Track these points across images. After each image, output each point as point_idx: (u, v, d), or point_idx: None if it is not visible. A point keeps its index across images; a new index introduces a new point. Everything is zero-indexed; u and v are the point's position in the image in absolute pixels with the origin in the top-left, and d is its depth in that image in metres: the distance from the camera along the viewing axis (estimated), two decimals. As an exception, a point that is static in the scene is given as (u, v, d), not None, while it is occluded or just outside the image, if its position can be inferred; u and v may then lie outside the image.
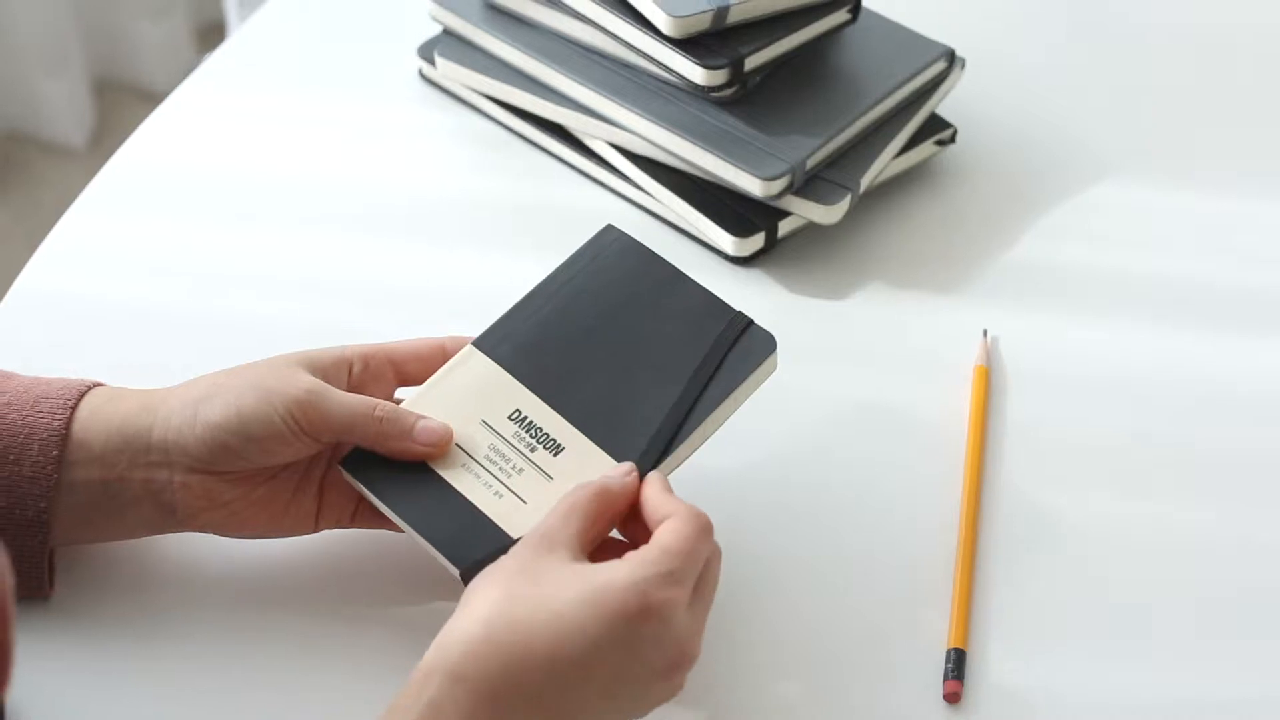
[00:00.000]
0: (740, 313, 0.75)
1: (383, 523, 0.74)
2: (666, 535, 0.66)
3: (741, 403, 0.75)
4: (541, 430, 0.73)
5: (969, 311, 0.91)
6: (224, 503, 0.72)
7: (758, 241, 0.93)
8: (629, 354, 0.74)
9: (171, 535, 0.75)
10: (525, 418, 0.73)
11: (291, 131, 1.02)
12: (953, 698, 0.73)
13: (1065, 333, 0.91)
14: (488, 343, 0.75)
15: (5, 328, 0.89)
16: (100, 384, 0.74)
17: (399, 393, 0.78)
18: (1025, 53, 1.09)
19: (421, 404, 0.74)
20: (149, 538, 0.75)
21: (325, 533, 0.76)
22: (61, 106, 2.07)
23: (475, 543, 0.70)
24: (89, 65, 2.13)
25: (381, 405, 0.73)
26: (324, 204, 0.97)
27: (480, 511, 0.71)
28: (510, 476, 0.72)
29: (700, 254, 0.94)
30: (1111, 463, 0.84)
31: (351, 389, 0.74)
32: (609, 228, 0.78)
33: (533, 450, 0.72)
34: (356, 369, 0.75)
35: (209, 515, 0.72)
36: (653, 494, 0.69)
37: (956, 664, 0.74)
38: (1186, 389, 0.88)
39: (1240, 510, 0.82)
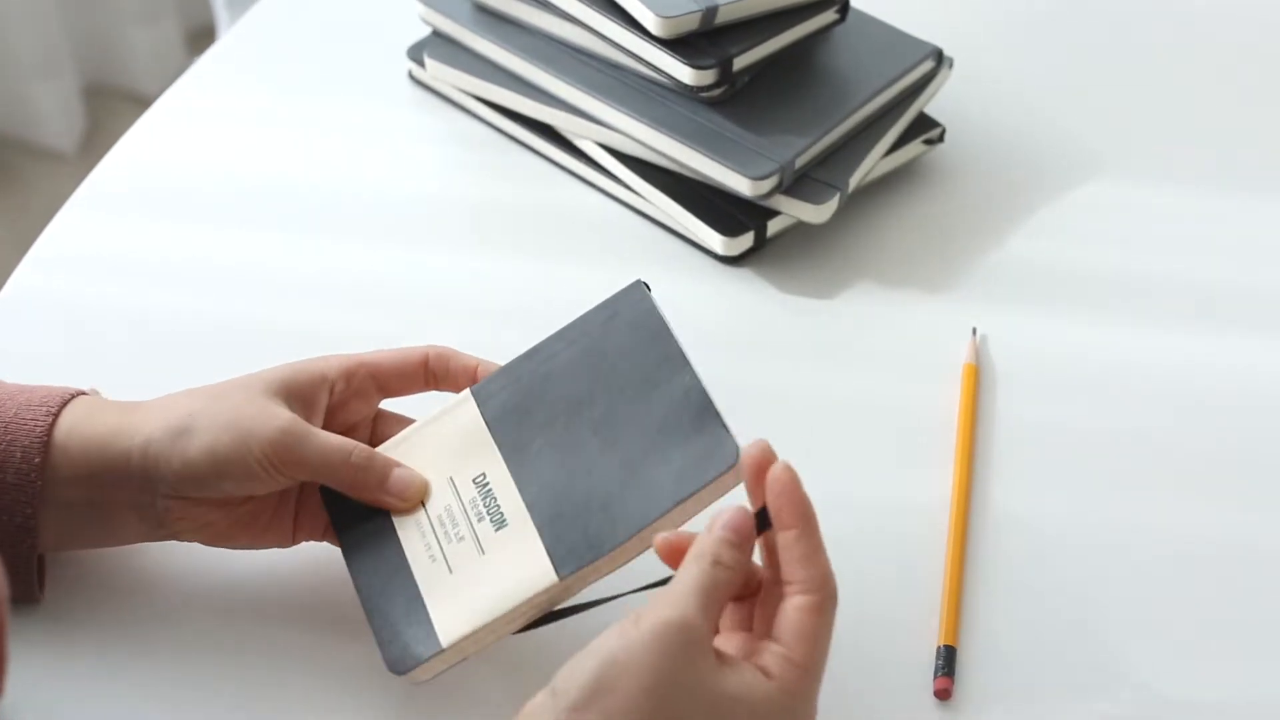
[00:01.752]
0: (727, 433, 0.69)
1: None
2: (810, 641, 0.63)
3: (691, 515, 0.69)
4: (495, 501, 0.71)
5: (958, 310, 0.91)
6: (207, 522, 0.72)
7: (747, 241, 0.93)
8: (604, 441, 0.71)
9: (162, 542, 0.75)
10: (487, 484, 0.72)
11: (281, 134, 1.02)
12: (943, 694, 0.73)
13: (1054, 331, 0.91)
14: (484, 393, 0.74)
15: (-5, 331, 0.89)
16: (83, 393, 0.74)
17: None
18: (1013, 52, 1.10)
19: (402, 448, 0.74)
20: (140, 544, 0.76)
21: (330, 549, 0.76)
22: (52, 111, 2.07)
23: (408, 646, 0.69)
24: (79, 70, 2.13)
25: (357, 451, 0.72)
26: (313, 206, 0.97)
27: (419, 594, 0.70)
28: (450, 542, 0.71)
29: (690, 253, 0.94)
30: (1100, 460, 0.84)
31: (333, 406, 0.74)
32: (637, 285, 0.74)
33: (480, 520, 0.71)
34: (339, 388, 0.74)
35: (194, 533, 0.73)
36: (800, 548, 0.64)
37: (947, 660, 0.74)
38: (1177, 387, 0.88)
39: (1231, 508, 0.82)
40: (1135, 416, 0.86)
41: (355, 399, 0.75)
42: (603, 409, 0.72)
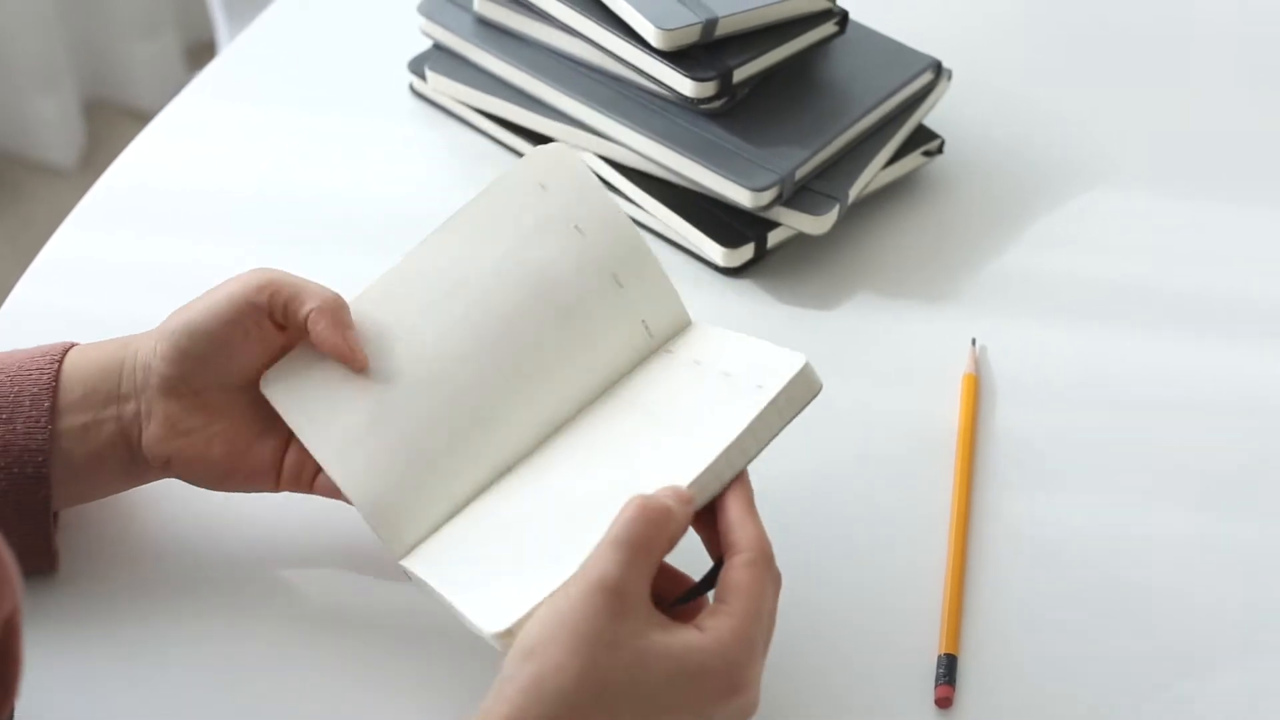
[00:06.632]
0: None
1: (340, 494, 0.74)
2: (743, 595, 0.64)
3: None
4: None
5: (958, 320, 0.92)
6: (184, 431, 0.73)
7: (747, 252, 0.93)
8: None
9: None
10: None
11: (282, 148, 1.02)
12: (944, 703, 0.73)
13: (1054, 341, 0.91)
14: None
15: (-2, 344, 0.89)
16: (77, 344, 0.76)
17: None
18: (1012, 64, 1.10)
19: None
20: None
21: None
22: (52, 126, 2.08)
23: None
24: (80, 85, 2.13)
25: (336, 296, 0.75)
26: (314, 220, 0.98)
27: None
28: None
29: (690, 265, 0.94)
30: (1100, 470, 0.84)
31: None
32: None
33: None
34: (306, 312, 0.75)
35: (172, 445, 0.73)
36: (734, 514, 0.67)
37: (948, 669, 0.74)
38: (1176, 396, 0.88)
39: (1230, 516, 0.82)
40: (1136, 426, 0.86)
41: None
42: None
